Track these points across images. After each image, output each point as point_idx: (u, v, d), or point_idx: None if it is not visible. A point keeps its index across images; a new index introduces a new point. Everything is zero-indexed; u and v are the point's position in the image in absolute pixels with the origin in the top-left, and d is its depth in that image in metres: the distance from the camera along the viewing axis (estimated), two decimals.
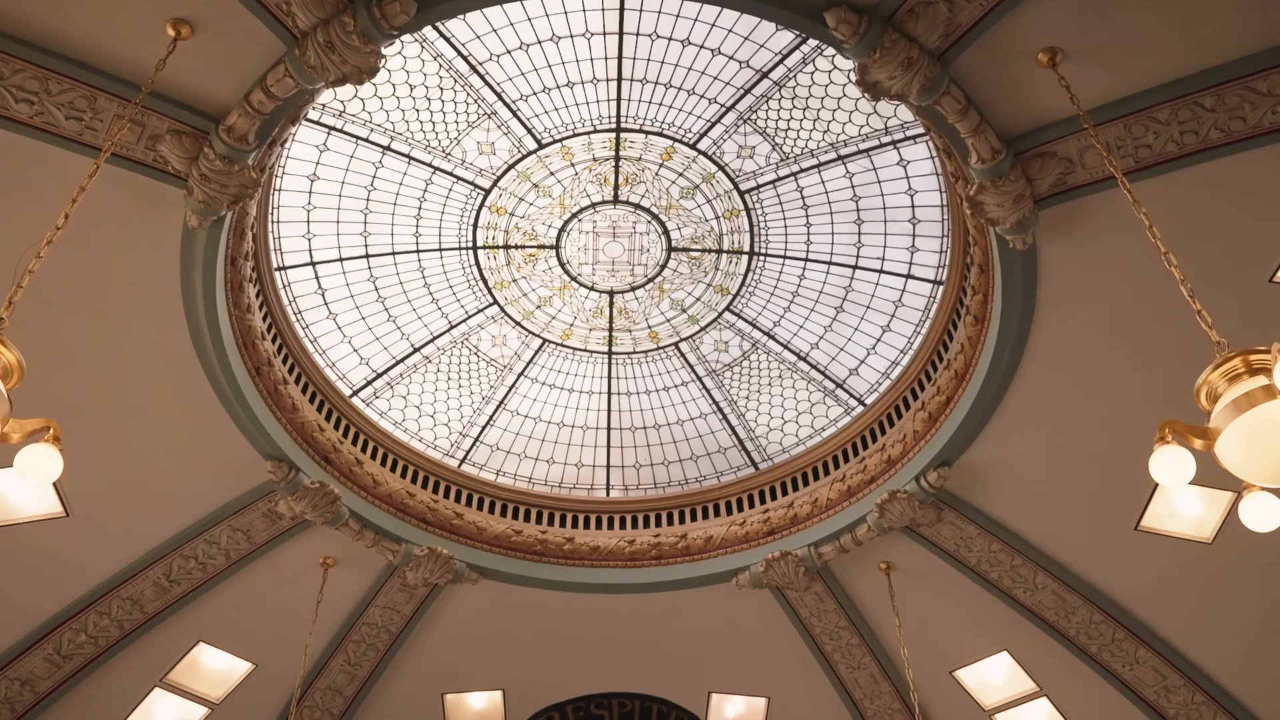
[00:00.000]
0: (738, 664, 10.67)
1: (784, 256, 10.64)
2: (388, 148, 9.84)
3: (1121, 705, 9.92)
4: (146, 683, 10.00)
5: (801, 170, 10.07)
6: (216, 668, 10.17)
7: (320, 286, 10.36)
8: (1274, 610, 9.14)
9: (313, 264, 10.26)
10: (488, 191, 10.22)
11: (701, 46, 9.23)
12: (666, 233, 10.64)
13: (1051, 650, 9.95)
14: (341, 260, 10.39)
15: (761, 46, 9.14)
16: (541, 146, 10.02)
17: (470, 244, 10.58)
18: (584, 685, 9.56)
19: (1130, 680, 9.86)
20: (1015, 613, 9.89)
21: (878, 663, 10.55)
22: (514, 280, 10.93)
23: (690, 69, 9.40)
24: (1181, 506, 8.88)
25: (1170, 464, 4.56)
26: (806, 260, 10.61)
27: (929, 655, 10.00)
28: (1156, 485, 8.69)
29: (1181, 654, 9.68)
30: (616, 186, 10.35)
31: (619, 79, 9.51)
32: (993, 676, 10.24)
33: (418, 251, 10.55)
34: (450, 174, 10.09)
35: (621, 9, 8.95)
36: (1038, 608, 9.82)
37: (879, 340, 10.73)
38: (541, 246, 10.70)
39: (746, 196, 10.28)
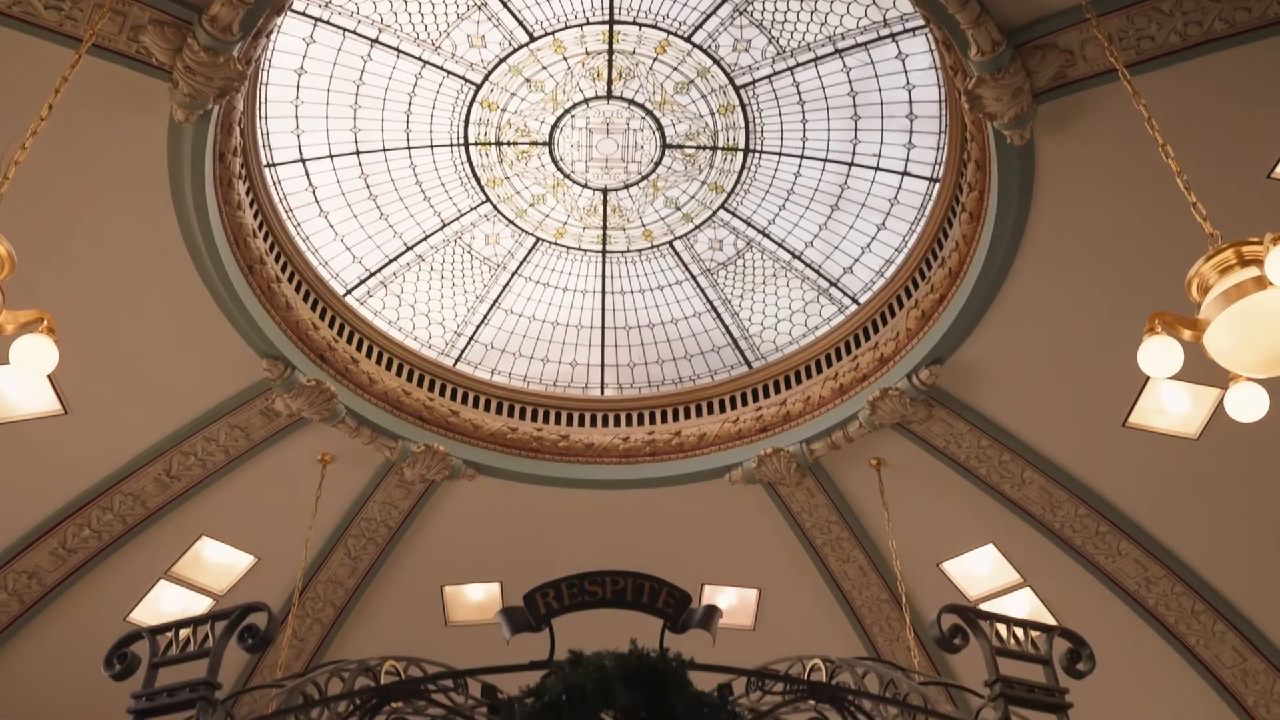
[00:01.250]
0: (730, 557, 10.91)
1: (779, 153, 10.52)
2: (376, 40, 9.63)
3: (1103, 596, 10.18)
4: (151, 576, 10.21)
5: (798, 64, 9.89)
6: (220, 561, 10.37)
7: (311, 184, 10.25)
8: (1254, 504, 9.33)
9: (302, 160, 10.13)
10: (479, 86, 10.04)
11: None
12: (661, 129, 10.49)
13: (1036, 543, 10.17)
14: (331, 157, 10.26)
15: None
16: (533, 39, 9.81)
17: (462, 140, 10.44)
18: None
19: (1112, 572, 10.11)
20: (1002, 507, 10.08)
21: (866, 555, 10.80)
22: (507, 178, 10.82)
23: None
24: (1169, 403, 8.99)
25: (1158, 354, 4.61)
26: (802, 157, 10.49)
27: (916, 548, 10.22)
28: (1146, 381, 8.81)
29: (1164, 546, 9.90)
30: (610, 81, 10.17)
31: None
32: (978, 568, 10.49)
33: (409, 148, 10.42)
34: (440, 68, 9.89)
35: None
36: (1024, 502, 10.01)
37: (874, 238, 10.70)
38: (534, 143, 10.56)
39: (742, 92, 10.11)
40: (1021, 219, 8.11)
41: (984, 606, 11.24)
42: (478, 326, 11.48)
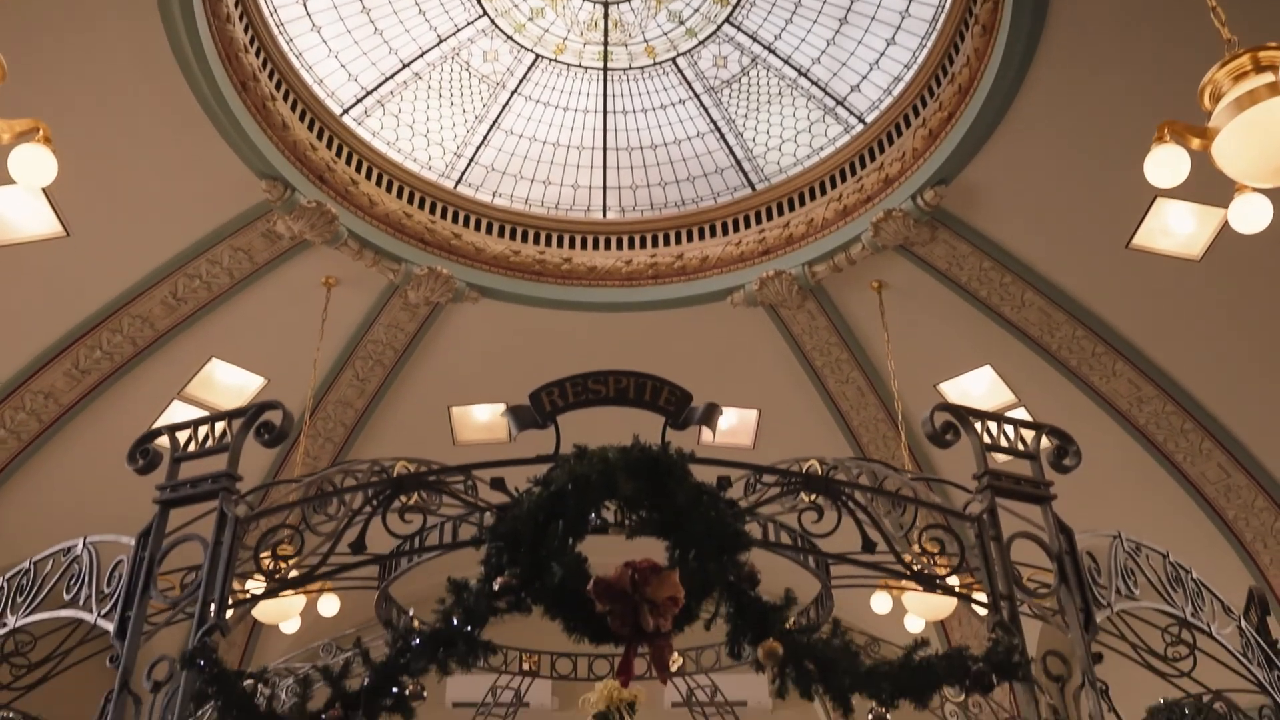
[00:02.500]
0: (731, 379, 11.10)
1: None
2: None
3: (1095, 415, 10.39)
4: (165, 397, 10.42)
5: None
6: (230, 382, 10.58)
7: None
8: (1250, 327, 9.42)
9: None
10: None
11: None
12: None
13: (1033, 364, 10.33)
14: None
15: None
16: None
17: None
18: None
19: (1106, 392, 10.30)
20: (1000, 329, 10.19)
21: (865, 377, 10.99)
22: None
23: None
24: (1173, 224, 8.94)
25: (1165, 163, 4.57)
26: None
27: (914, 369, 10.38)
28: (1152, 202, 8.75)
29: (1158, 367, 10.06)
30: None
31: None
32: (974, 388, 10.69)
33: None
34: None
35: None
36: (1023, 324, 10.11)
37: (882, 54, 10.39)
38: None
39: None
40: (1036, 30, 7.86)
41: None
42: (478, 148, 11.31)
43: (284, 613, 7.95)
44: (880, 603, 8.65)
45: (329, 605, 8.53)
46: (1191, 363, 9.92)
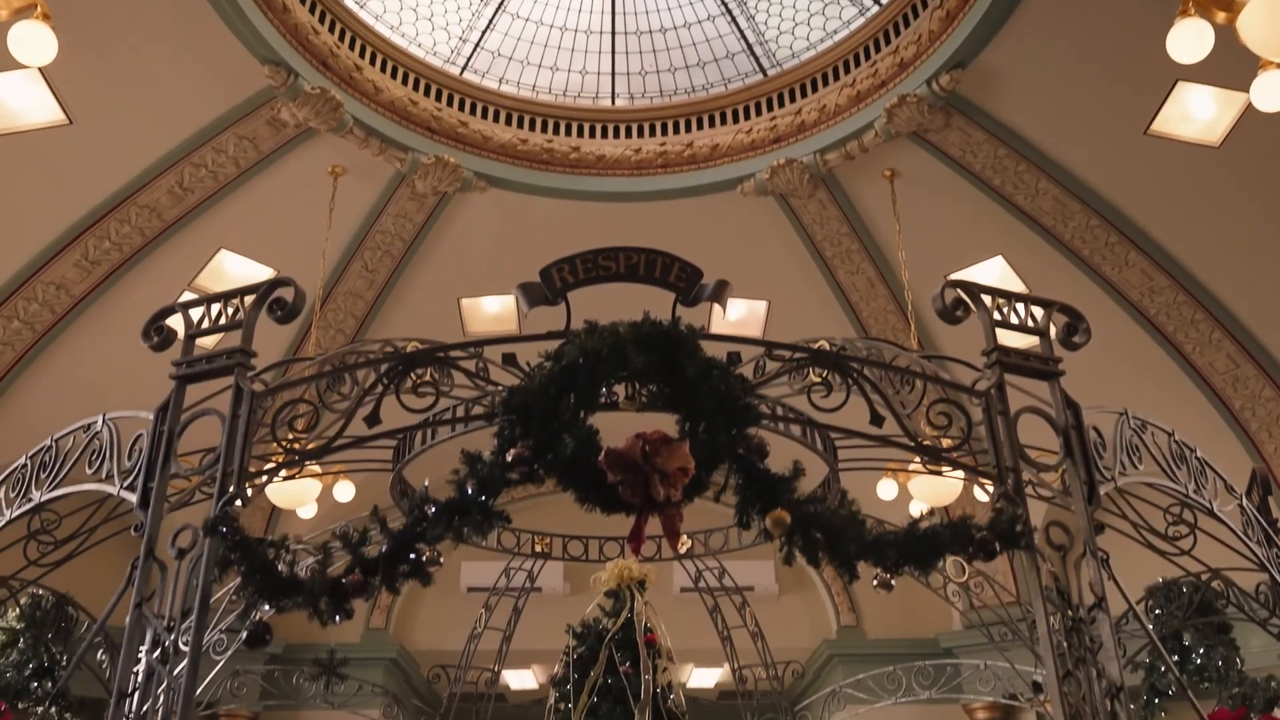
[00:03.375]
0: (740, 270, 10.97)
1: None
2: None
3: (1105, 305, 10.36)
4: (175, 287, 10.42)
5: None
6: (239, 273, 10.57)
7: None
8: (1265, 215, 9.32)
9: None
10: None
11: None
12: None
13: (1044, 254, 10.25)
14: None
15: None
16: None
17: None
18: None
19: (1118, 282, 10.25)
20: (1013, 219, 10.09)
21: (875, 267, 10.94)
22: None
23: None
24: (1194, 108, 8.77)
25: (1188, 38, 4.46)
26: None
27: (925, 260, 10.32)
28: (1173, 86, 8.56)
29: (1171, 257, 9.99)
30: None
31: None
32: (985, 278, 10.62)
33: None
34: None
35: None
36: (1036, 213, 10.01)
37: None
38: None
39: None
40: None
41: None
42: (483, 32, 11.05)
43: (300, 497, 8.12)
44: (886, 489, 8.77)
45: (344, 491, 8.70)
46: (1205, 252, 9.84)
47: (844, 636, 12.93)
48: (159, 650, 3.01)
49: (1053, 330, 3.79)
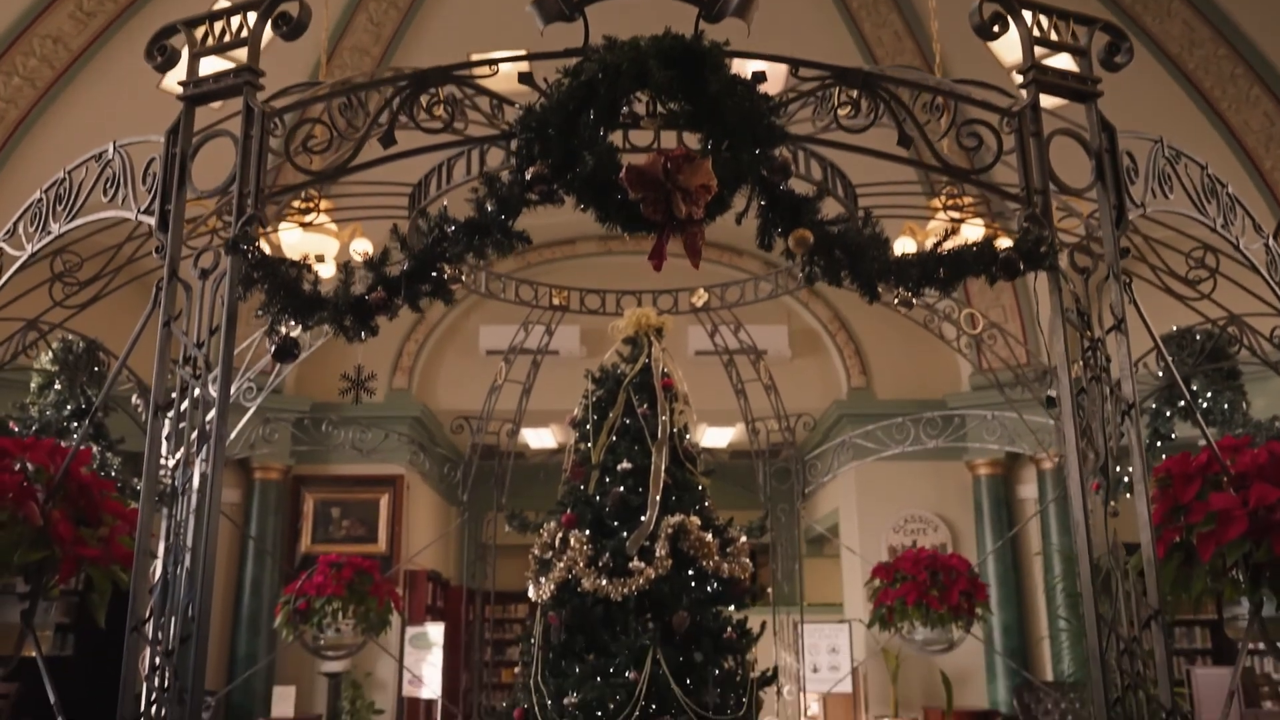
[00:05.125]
0: (759, 24, 10.58)
1: None
2: None
3: (1141, 58, 9.92)
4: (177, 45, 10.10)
5: None
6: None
7: None
8: None
9: None
10: None
11: None
12: None
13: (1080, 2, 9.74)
14: None
15: None
16: None
17: None
18: None
19: (1157, 33, 9.83)
20: None
21: (904, 20, 10.48)
22: None
23: None
24: None
25: None
26: None
27: (955, 11, 9.81)
28: None
29: (1217, 6, 9.52)
30: None
31: None
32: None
33: None
34: None
35: None
36: None
37: None
38: None
39: None
40: None
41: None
42: None
43: (317, 252, 8.12)
44: (904, 247, 8.73)
45: (362, 248, 8.70)
46: (1251, 5, 9.36)
47: (854, 398, 13.27)
48: (189, 364, 3.08)
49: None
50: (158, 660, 3.07)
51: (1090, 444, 3.10)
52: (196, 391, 3.02)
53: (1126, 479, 3.53)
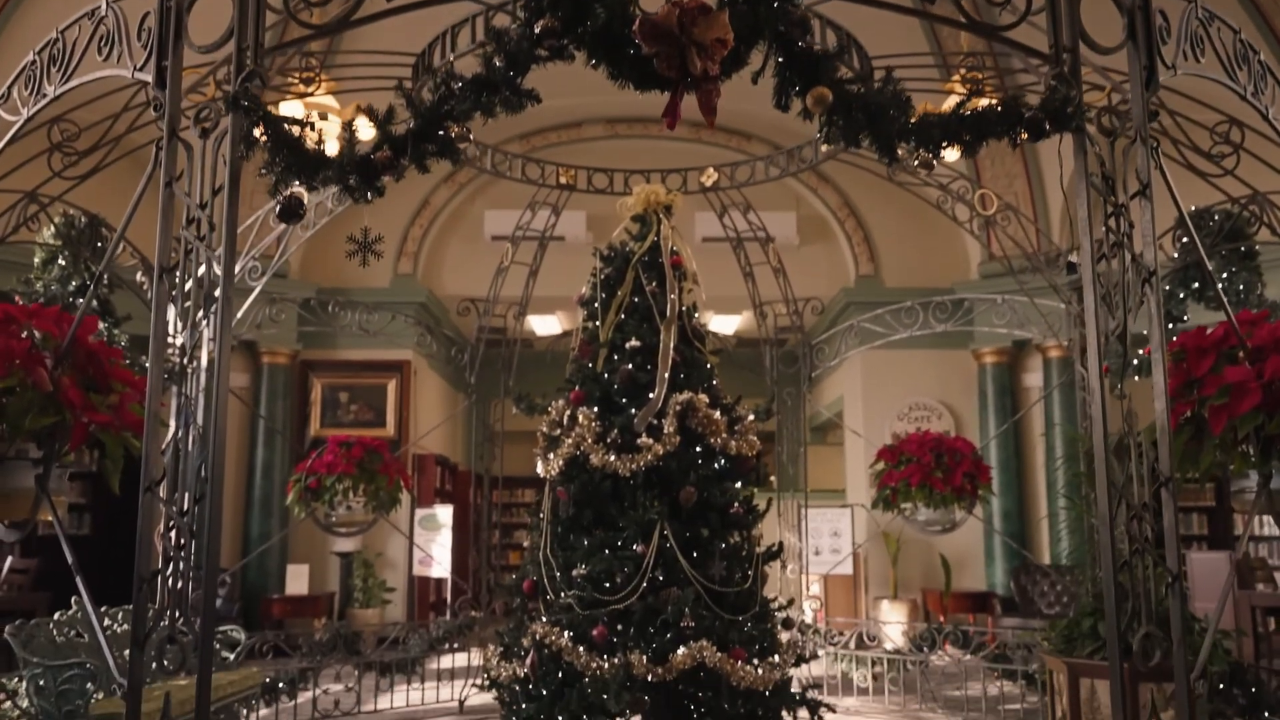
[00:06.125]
0: None
1: None
2: None
3: None
4: None
5: None
6: None
7: None
8: None
9: None
10: None
11: None
12: None
13: None
14: None
15: None
16: None
17: None
18: None
19: None
20: None
21: None
22: None
23: None
24: None
25: None
26: None
27: None
28: None
29: None
30: None
31: None
32: None
33: None
34: None
35: None
36: None
37: None
38: None
39: None
40: None
41: None
42: None
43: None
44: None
45: (365, 130, 8.53)
46: None
47: (862, 286, 13.19)
48: (194, 225, 3.02)
49: None
50: (172, 521, 3.10)
51: (1109, 311, 3.05)
52: (201, 253, 2.97)
53: (1136, 361, 3.51)
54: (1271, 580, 10.50)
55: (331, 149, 8.22)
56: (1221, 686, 5.41)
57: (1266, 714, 5.26)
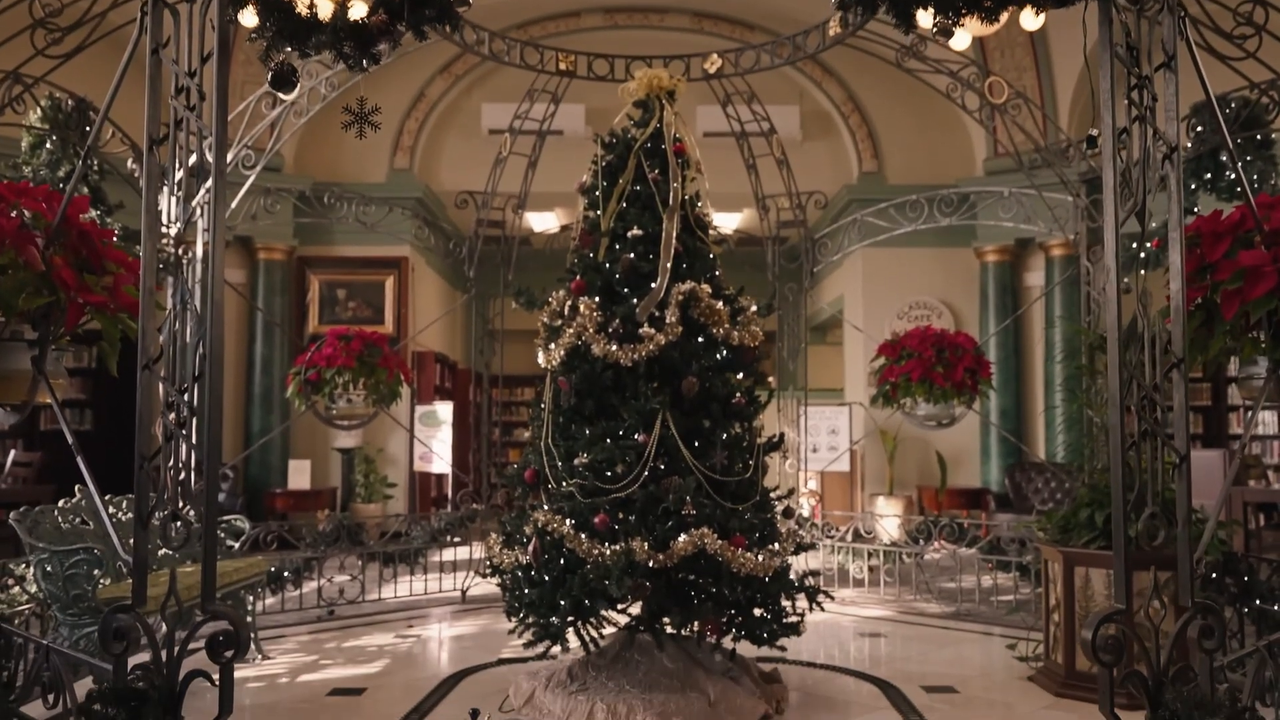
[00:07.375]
0: None
1: None
2: None
3: None
4: None
5: None
6: None
7: None
8: None
9: None
10: None
11: None
12: None
13: None
14: None
15: None
16: None
17: None
18: None
19: None
20: None
21: None
22: None
23: None
24: None
25: None
26: None
27: None
28: None
29: None
30: None
31: None
32: None
33: None
34: None
35: None
36: None
37: None
38: None
39: None
40: None
41: None
42: None
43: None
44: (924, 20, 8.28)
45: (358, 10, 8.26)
46: None
47: (865, 182, 13.00)
48: (183, 94, 2.91)
49: None
50: (171, 399, 3.06)
51: (1128, 187, 2.97)
52: (191, 123, 2.86)
53: (1144, 255, 3.43)
54: (1264, 477, 10.61)
55: (325, 12, 7.99)
56: (1214, 575, 5.48)
57: (1258, 601, 5.34)
